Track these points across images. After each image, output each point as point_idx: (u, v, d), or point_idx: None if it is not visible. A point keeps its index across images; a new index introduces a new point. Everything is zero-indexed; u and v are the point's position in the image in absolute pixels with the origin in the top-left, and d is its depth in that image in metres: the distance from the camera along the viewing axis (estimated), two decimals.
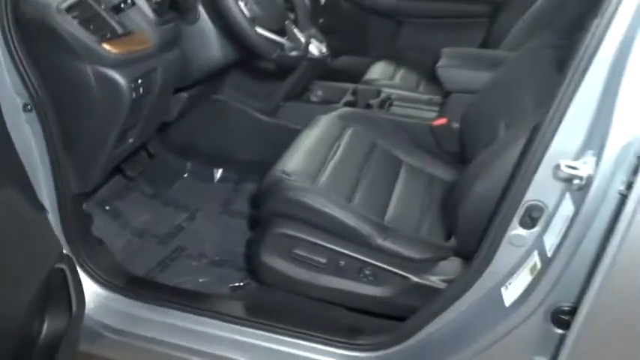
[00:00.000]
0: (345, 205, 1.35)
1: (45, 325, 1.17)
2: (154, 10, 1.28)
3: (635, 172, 0.78)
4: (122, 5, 1.22)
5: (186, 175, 2.07)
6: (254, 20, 1.30)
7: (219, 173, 2.07)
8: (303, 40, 1.49)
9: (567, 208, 0.93)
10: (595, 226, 0.88)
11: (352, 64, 2.54)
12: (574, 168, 0.88)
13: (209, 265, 1.69)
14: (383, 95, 1.98)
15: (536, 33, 1.67)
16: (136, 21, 1.24)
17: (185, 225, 1.86)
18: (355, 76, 2.36)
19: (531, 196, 0.97)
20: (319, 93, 2.05)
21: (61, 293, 1.18)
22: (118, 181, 1.88)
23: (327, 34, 2.67)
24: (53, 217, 1.30)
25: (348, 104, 1.95)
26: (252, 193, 1.88)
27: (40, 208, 1.15)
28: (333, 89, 2.08)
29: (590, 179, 0.86)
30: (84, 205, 1.48)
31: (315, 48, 1.86)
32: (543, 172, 0.94)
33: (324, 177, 1.43)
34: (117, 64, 1.18)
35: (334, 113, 1.71)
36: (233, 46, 1.43)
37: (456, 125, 1.69)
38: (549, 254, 0.95)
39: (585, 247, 0.90)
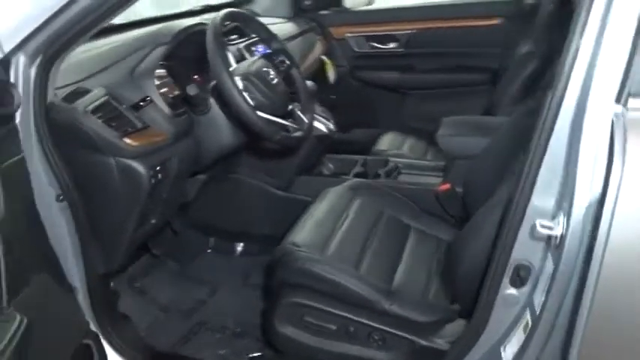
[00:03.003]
0: (353, 273, 1.42)
1: None
2: (169, 105, 1.44)
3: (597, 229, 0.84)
4: (141, 103, 1.38)
5: (209, 251, 2.18)
6: (259, 107, 1.44)
7: (240, 247, 2.17)
8: (306, 121, 1.62)
9: (549, 265, 0.99)
10: (574, 281, 0.93)
11: (364, 136, 2.67)
12: (549, 228, 0.95)
13: (230, 337, 1.75)
14: (390, 165, 2.08)
15: (527, 98, 1.77)
16: (153, 116, 1.39)
17: (207, 299, 1.94)
18: (367, 147, 2.48)
19: (517, 255, 1.03)
20: (330, 166, 2.17)
21: None
22: (146, 260, 2.00)
23: (338, 109, 2.85)
24: (82, 295, 1.41)
25: (358, 175, 2.06)
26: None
27: (69, 288, 1.25)
28: (344, 161, 2.20)
29: (563, 238, 0.92)
30: (112, 283, 1.58)
31: (323, 125, 2.01)
32: (524, 231, 1.01)
33: (332, 246, 1.51)
34: (137, 155, 1.32)
35: (343, 185, 1.81)
36: (241, 131, 1.57)
37: (459, 190, 1.76)
38: (537, 312, 1.00)
39: (568, 303, 0.94)
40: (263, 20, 2.53)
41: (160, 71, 1.63)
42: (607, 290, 0.84)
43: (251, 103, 1.39)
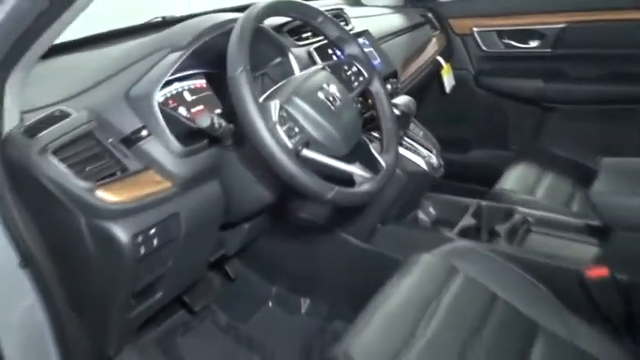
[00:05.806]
0: None
1: None
2: (181, 137, 1.00)
3: None
4: (135, 136, 0.96)
5: (270, 304, 1.74)
6: (306, 145, 0.95)
7: (306, 304, 1.71)
8: (384, 164, 1.09)
9: None
10: None
11: (485, 159, 2.09)
12: None
13: None
14: (516, 217, 1.47)
15: None
16: (153, 153, 0.96)
17: None
18: (486, 175, 1.90)
19: None
20: (430, 210, 1.61)
21: None
22: (184, 314, 1.62)
23: (455, 124, 2.29)
24: None
25: (465, 231, 1.47)
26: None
27: None
28: (450, 205, 1.62)
29: None
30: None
31: (421, 159, 1.46)
32: None
33: None
34: (116, 216, 0.90)
35: (439, 250, 1.27)
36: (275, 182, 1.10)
37: (621, 278, 1.13)
38: None
39: None
40: (366, 10, 2.05)
41: (197, 82, 1.22)
42: None
43: (287, 143, 0.91)
